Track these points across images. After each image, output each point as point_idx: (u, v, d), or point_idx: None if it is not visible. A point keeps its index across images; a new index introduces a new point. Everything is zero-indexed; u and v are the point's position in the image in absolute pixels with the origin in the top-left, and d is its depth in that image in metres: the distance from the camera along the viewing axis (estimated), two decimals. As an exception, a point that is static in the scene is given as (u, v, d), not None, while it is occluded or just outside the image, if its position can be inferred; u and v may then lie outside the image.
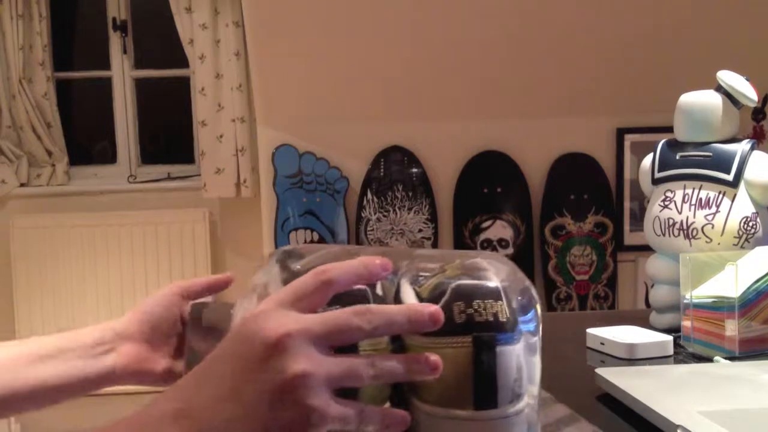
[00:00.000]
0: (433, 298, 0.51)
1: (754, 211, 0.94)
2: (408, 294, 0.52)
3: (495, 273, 0.52)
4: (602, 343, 0.91)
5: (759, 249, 0.90)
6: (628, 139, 2.79)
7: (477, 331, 0.49)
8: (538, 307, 0.53)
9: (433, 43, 2.65)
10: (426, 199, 2.76)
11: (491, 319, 0.49)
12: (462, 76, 2.71)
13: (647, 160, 1.03)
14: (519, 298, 0.52)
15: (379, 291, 0.52)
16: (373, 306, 0.47)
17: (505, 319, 0.49)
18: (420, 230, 2.76)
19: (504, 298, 0.50)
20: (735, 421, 0.60)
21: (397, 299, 0.52)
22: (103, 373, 0.69)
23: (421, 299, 0.52)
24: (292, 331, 0.44)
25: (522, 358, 0.50)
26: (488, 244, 2.77)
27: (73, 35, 3.42)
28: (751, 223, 0.93)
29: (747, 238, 0.93)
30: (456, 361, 0.49)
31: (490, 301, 0.49)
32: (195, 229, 3.15)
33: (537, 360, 0.52)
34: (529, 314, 0.52)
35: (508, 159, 2.78)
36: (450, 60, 2.67)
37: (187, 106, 3.32)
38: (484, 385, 0.49)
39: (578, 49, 2.66)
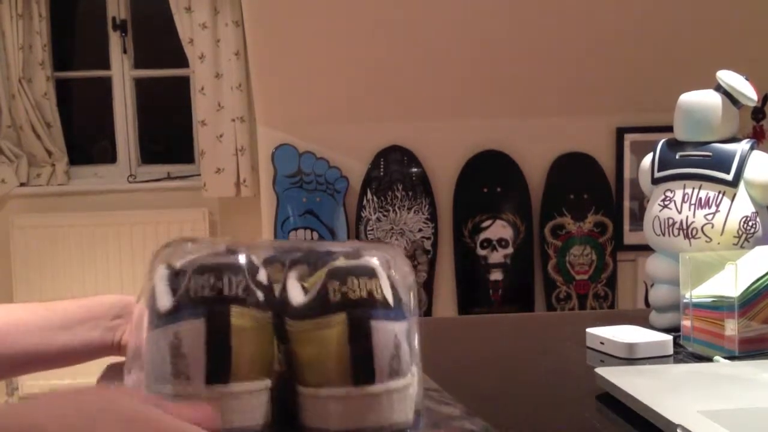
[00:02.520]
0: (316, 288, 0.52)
1: (754, 210, 0.94)
2: (293, 287, 0.54)
3: (375, 256, 0.53)
4: (602, 343, 0.91)
5: (759, 248, 0.90)
6: (628, 138, 2.79)
7: (351, 308, 0.50)
8: (412, 296, 0.54)
9: (432, 42, 2.65)
10: (426, 199, 2.76)
11: (365, 296, 0.50)
12: (462, 75, 2.71)
13: (647, 160, 1.03)
14: (399, 279, 0.53)
15: (263, 279, 0.53)
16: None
17: (380, 297, 0.50)
18: (420, 230, 2.76)
19: (380, 277, 0.51)
20: (735, 420, 0.60)
21: (283, 293, 0.53)
22: (112, 344, 0.77)
23: (307, 292, 0.53)
24: None
25: (402, 337, 0.51)
26: (488, 244, 2.77)
27: (73, 35, 3.42)
28: (750, 223, 0.93)
29: (747, 237, 0.93)
30: (332, 339, 0.49)
31: (364, 278, 0.50)
32: (195, 229, 3.15)
33: (415, 341, 0.53)
34: (409, 297, 0.54)
35: (508, 158, 2.78)
36: (450, 59, 2.67)
37: (186, 105, 3.32)
38: (360, 361, 0.49)
39: (578, 49, 2.66)
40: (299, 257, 0.56)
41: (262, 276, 0.53)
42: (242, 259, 0.52)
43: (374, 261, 0.52)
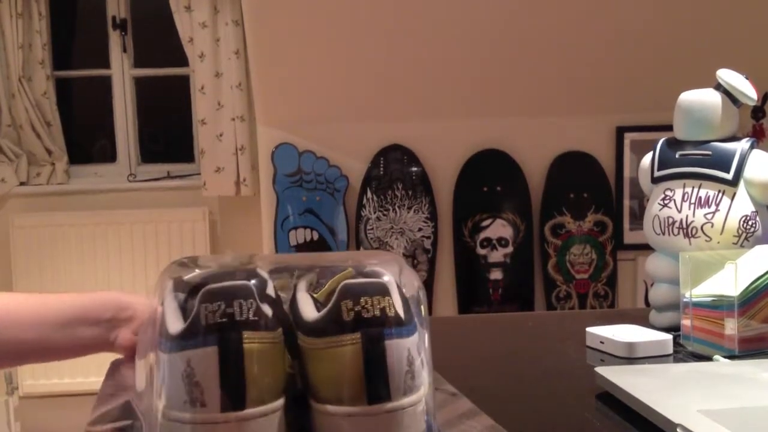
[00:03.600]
0: (326, 302, 0.52)
1: (754, 209, 0.94)
2: (304, 300, 0.54)
3: (385, 270, 0.53)
4: (602, 342, 0.91)
5: (758, 248, 0.90)
6: (628, 137, 2.79)
7: (365, 327, 0.50)
8: (423, 308, 0.55)
9: (432, 41, 2.65)
10: (426, 198, 2.76)
11: (378, 314, 0.50)
12: (461, 74, 2.71)
13: (647, 159, 1.03)
14: (409, 293, 0.53)
15: (271, 292, 0.53)
16: None
17: (393, 314, 0.51)
18: (420, 229, 2.76)
19: (392, 294, 0.51)
20: (734, 419, 0.60)
21: (294, 304, 0.54)
22: (107, 343, 0.77)
23: (317, 304, 0.53)
24: None
25: (414, 351, 0.51)
26: (488, 243, 2.77)
27: (73, 34, 3.42)
28: (750, 222, 0.93)
29: (746, 236, 0.93)
30: (347, 358, 0.50)
31: (377, 297, 0.51)
32: (195, 228, 3.15)
33: (426, 353, 0.54)
34: (419, 307, 0.54)
35: (508, 157, 2.78)
36: (449, 58, 2.67)
37: (186, 104, 3.32)
38: (375, 379, 0.50)
39: (578, 48, 2.66)
40: (307, 267, 0.56)
41: (271, 290, 0.53)
42: (251, 279, 0.52)
43: (386, 277, 0.53)
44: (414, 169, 2.76)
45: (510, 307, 2.78)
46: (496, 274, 2.79)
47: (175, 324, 0.51)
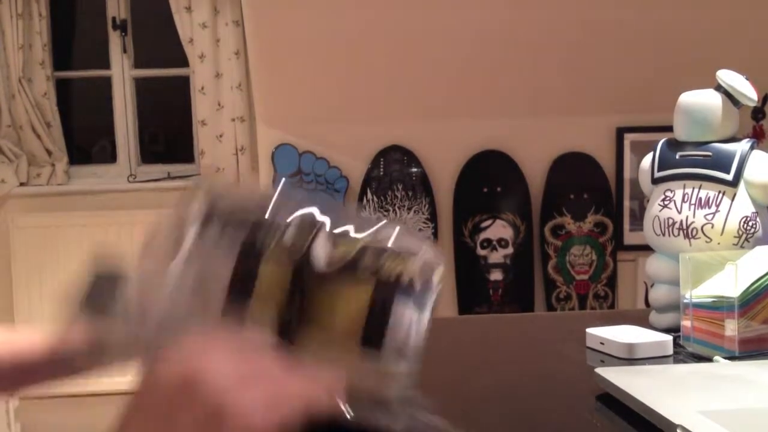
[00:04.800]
0: (347, 255, 0.52)
1: (754, 210, 0.94)
2: (320, 251, 0.53)
3: (423, 245, 0.53)
4: (602, 343, 0.91)
5: (759, 248, 0.90)
6: (628, 138, 2.79)
7: (382, 280, 0.50)
8: (432, 297, 0.54)
9: (432, 42, 2.65)
10: (426, 199, 2.76)
11: (400, 272, 0.50)
12: (462, 75, 2.71)
13: (647, 160, 1.03)
14: (430, 274, 0.53)
15: (288, 240, 0.53)
16: None
17: (409, 279, 0.51)
18: (420, 230, 2.76)
19: (418, 264, 0.51)
20: (734, 420, 0.60)
21: (308, 250, 0.53)
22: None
23: (331, 259, 0.52)
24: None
25: (414, 326, 0.51)
26: (488, 244, 2.77)
27: (73, 34, 3.42)
28: (750, 223, 0.93)
29: (747, 237, 0.93)
30: (353, 296, 0.50)
31: (401, 259, 0.51)
32: (195, 229, 3.14)
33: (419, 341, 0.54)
34: (432, 294, 0.54)
35: (508, 158, 2.78)
36: (449, 59, 2.67)
37: (186, 105, 3.32)
38: (374, 323, 0.50)
39: (578, 49, 2.66)
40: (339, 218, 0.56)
41: (290, 237, 0.53)
42: (272, 217, 0.53)
43: (423, 250, 0.53)
44: (414, 169, 2.76)
45: (510, 307, 2.78)
46: (496, 275, 2.78)
47: (191, 241, 0.52)
